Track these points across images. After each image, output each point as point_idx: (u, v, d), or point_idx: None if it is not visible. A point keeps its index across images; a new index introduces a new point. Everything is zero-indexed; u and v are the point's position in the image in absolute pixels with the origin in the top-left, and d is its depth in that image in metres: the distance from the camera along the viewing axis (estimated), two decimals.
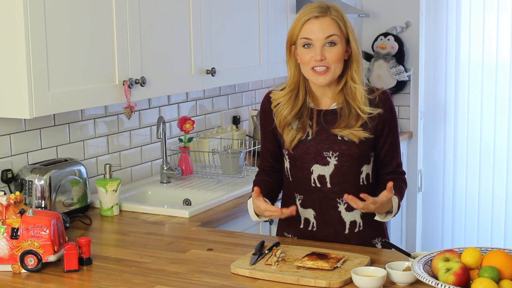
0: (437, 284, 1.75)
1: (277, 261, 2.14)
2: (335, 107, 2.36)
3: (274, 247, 2.25)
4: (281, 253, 2.20)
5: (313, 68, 2.28)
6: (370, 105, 2.32)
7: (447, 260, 1.85)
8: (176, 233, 2.65)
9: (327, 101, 2.37)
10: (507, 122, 4.76)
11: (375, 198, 2.22)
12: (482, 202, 4.91)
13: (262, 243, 2.29)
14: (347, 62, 2.33)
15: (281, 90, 2.41)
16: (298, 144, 2.36)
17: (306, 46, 2.29)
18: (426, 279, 1.79)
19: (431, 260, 1.90)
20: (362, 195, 2.20)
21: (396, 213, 2.36)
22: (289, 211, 2.26)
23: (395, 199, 2.31)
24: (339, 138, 2.33)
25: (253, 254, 2.21)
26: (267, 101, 2.44)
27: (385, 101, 2.36)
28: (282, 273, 2.07)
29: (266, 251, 2.23)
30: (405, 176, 2.47)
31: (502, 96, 4.76)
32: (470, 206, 4.95)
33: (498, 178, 4.84)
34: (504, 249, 1.88)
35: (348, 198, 2.21)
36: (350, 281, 2.02)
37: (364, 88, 2.34)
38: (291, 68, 2.37)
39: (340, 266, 2.10)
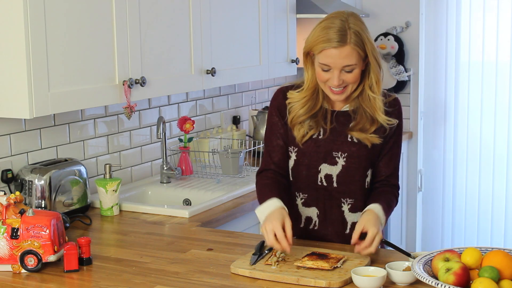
0: (437, 284, 1.75)
1: (277, 261, 2.15)
2: (347, 109, 2.36)
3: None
4: (281, 253, 2.20)
5: (329, 87, 2.28)
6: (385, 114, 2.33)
7: (447, 260, 1.85)
8: (176, 233, 2.65)
9: (341, 103, 2.37)
10: (507, 122, 4.76)
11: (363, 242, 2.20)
12: (482, 202, 4.90)
13: (262, 243, 2.28)
14: (364, 72, 2.30)
15: (297, 91, 2.37)
16: (309, 140, 2.36)
17: (324, 69, 2.26)
18: (426, 279, 1.79)
19: (431, 260, 1.90)
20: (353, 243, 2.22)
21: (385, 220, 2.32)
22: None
23: (378, 209, 2.28)
24: (349, 139, 2.33)
25: (253, 254, 2.21)
26: (282, 98, 2.40)
27: (397, 112, 2.36)
28: (282, 273, 2.07)
29: (266, 251, 2.23)
30: (399, 191, 2.43)
31: (502, 96, 4.76)
32: (470, 206, 4.94)
33: (498, 178, 4.84)
34: (504, 249, 1.89)
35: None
36: (350, 281, 2.02)
37: (382, 98, 2.33)
38: (309, 72, 2.33)
39: (340, 266, 2.10)
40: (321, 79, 2.28)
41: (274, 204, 2.25)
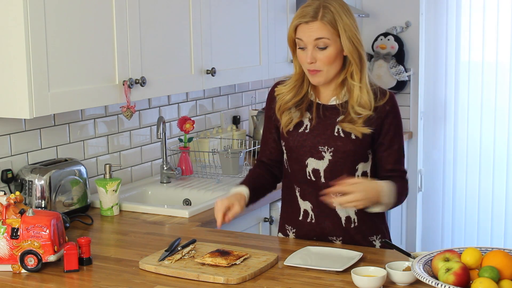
0: (437, 284, 1.75)
1: (181, 258, 2.20)
2: (334, 103, 2.36)
3: (191, 245, 2.30)
4: (190, 250, 2.25)
5: (307, 69, 2.32)
6: (372, 105, 2.32)
7: (447, 260, 1.85)
8: (176, 233, 2.65)
9: (328, 94, 2.38)
10: (507, 122, 4.76)
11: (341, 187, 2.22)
12: (482, 202, 4.90)
13: (176, 240, 2.32)
14: (346, 59, 2.32)
15: (285, 84, 2.44)
16: (294, 133, 2.37)
17: (301, 48, 2.32)
18: (426, 279, 1.79)
19: (431, 260, 1.90)
20: (322, 192, 2.28)
21: (392, 204, 2.33)
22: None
23: (388, 187, 2.29)
24: (336, 134, 2.33)
25: (165, 250, 2.27)
26: (273, 91, 2.48)
27: (387, 103, 2.35)
28: (185, 269, 2.11)
29: (179, 248, 2.27)
30: (406, 175, 2.42)
31: (502, 96, 4.76)
32: (470, 206, 4.94)
33: (498, 178, 4.84)
34: (504, 249, 1.88)
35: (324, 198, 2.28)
36: (248, 278, 2.06)
37: (366, 88, 2.32)
38: (296, 59, 2.39)
39: (239, 263, 2.14)
40: (300, 60, 2.35)
41: (238, 189, 2.42)
